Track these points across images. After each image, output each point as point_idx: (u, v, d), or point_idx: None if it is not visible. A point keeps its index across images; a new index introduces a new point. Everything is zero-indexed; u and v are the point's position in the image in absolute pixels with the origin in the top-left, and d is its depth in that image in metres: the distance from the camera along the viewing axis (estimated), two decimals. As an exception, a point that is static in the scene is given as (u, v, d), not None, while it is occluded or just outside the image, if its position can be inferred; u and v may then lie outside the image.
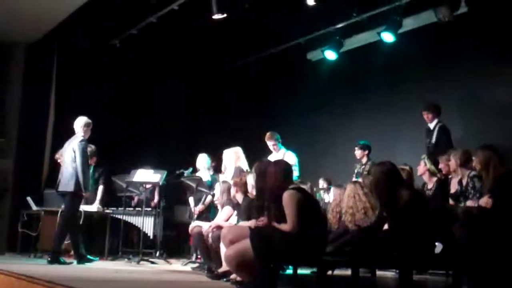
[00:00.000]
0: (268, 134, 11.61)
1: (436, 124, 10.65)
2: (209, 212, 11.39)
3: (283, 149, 11.53)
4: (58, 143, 12.14)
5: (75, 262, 10.47)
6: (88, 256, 10.64)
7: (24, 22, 13.39)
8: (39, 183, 14.00)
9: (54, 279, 6.77)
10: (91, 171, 12.01)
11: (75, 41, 14.52)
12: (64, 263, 10.23)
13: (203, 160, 12.07)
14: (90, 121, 10.83)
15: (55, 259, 10.16)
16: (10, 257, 12.06)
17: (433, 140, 10.57)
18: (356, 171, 11.75)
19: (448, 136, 10.56)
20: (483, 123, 11.21)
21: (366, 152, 11.76)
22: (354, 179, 11.26)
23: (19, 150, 14.50)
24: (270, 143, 11.55)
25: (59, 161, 12.05)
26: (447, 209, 7.93)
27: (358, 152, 11.84)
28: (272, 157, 10.76)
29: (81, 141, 10.55)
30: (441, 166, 9.15)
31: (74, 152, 10.45)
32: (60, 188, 10.55)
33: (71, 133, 10.83)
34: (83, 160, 10.47)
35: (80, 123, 10.75)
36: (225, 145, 11.13)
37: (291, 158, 11.05)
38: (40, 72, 14.73)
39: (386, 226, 7.23)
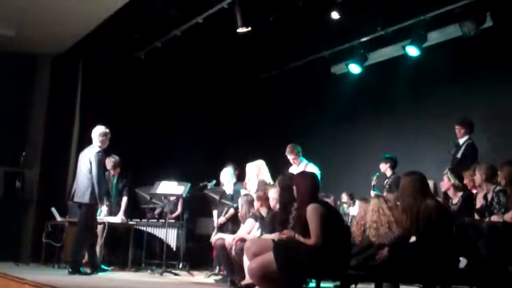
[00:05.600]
0: (288, 147, 11.35)
1: (466, 140, 10.49)
2: (234, 225, 11.33)
3: (304, 162, 11.34)
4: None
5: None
6: (102, 266, 10.64)
7: (50, 34, 13.52)
8: (63, 194, 14.04)
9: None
10: (114, 182, 12.14)
11: (100, 53, 14.60)
12: (85, 273, 10.21)
13: (227, 174, 11.94)
14: (107, 130, 10.67)
15: (75, 270, 10.14)
16: (34, 267, 12.09)
17: (459, 154, 10.47)
18: (372, 183, 11.70)
19: (475, 154, 10.38)
20: (508, 138, 11.14)
21: (388, 164, 11.64)
22: (372, 191, 11.23)
23: (44, 160, 14.63)
24: (290, 157, 11.31)
25: None
26: (472, 224, 7.88)
27: (381, 165, 11.78)
28: (292, 170, 10.69)
29: (98, 152, 10.48)
30: (466, 181, 9.08)
31: (91, 163, 10.40)
32: (76, 199, 10.51)
33: (95, 145, 10.83)
34: (99, 171, 10.43)
35: (97, 132, 10.60)
36: (248, 158, 11.12)
37: (313, 170, 10.95)
38: (65, 83, 14.85)
39: (413, 238, 7.20)
